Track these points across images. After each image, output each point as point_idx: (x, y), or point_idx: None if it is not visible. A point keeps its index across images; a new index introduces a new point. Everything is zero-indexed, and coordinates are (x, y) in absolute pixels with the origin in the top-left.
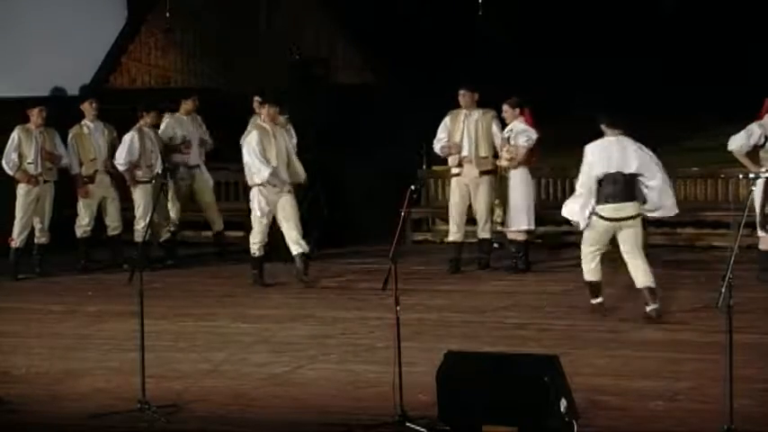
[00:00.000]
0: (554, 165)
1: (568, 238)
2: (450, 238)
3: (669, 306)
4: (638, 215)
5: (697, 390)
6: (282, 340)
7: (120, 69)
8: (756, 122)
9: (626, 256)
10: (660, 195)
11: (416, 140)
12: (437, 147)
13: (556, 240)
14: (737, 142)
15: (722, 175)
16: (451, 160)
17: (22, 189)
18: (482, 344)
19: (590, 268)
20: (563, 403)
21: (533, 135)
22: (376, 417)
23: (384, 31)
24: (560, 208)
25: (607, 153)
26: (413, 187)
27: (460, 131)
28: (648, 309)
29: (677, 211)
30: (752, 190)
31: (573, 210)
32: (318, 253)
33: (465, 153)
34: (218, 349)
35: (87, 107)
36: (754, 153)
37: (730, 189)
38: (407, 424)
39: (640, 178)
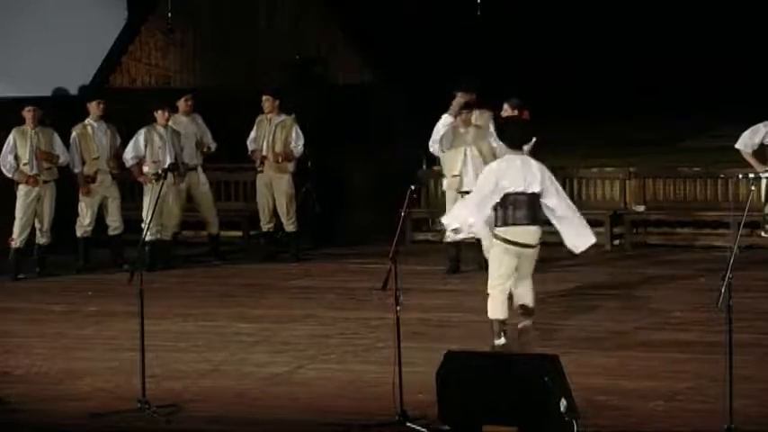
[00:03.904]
0: (554, 165)
1: None
2: (450, 238)
3: (669, 306)
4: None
5: (697, 390)
6: (282, 340)
7: (120, 69)
8: (763, 122)
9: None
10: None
11: (416, 140)
12: (435, 147)
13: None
14: (742, 140)
15: (722, 175)
16: None
17: (21, 190)
18: (482, 344)
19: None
20: (563, 403)
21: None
22: (376, 417)
23: (384, 32)
24: None
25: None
26: (413, 187)
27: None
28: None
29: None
30: (752, 190)
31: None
32: (317, 252)
33: None
34: (219, 349)
35: (94, 107)
36: (760, 152)
37: (730, 189)
38: (407, 424)
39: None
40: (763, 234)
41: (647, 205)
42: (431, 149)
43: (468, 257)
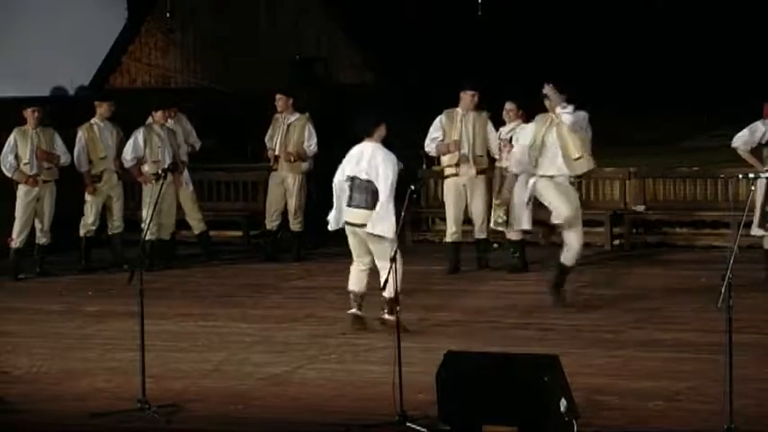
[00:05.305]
0: None
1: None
2: (449, 238)
3: (669, 306)
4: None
5: (697, 390)
6: (282, 340)
7: (120, 69)
8: (761, 120)
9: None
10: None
11: (416, 140)
12: (432, 146)
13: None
14: (741, 139)
15: (722, 175)
16: (448, 159)
17: (21, 190)
18: (482, 344)
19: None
20: (563, 403)
21: None
22: (376, 417)
23: (384, 32)
24: None
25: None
26: (413, 187)
27: (458, 131)
28: (380, 314)
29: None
30: (752, 190)
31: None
32: (317, 252)
33: (464, 152)
34: (218, 349)
35: (105, 108)
36: (759, 151)
37: (730, 189)
38: (407, 424)
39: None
40: (757, 231)
41: (647, 205)
42: (426, 149)
43: (469, 257)
